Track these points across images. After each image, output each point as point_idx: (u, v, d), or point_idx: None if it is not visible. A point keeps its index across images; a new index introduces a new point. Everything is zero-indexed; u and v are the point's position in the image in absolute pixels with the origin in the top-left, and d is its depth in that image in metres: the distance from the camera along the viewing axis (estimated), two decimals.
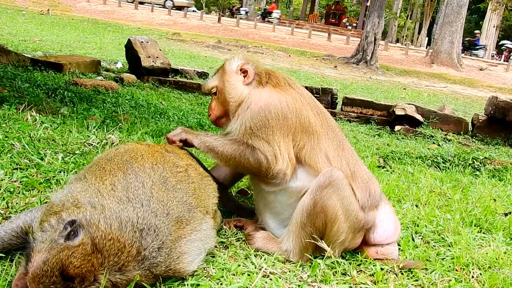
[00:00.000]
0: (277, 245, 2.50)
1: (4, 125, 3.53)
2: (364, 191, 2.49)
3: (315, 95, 10.00)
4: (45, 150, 3.21)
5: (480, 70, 30.28)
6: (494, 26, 43.35)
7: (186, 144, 2.58)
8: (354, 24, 48.12)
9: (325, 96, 9.94)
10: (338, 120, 9.47)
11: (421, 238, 2.92)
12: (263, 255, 2.42)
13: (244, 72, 2.63)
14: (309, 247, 2.42)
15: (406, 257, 2.60)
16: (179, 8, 42.73)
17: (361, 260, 2.49)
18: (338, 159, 2.50)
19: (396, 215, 2.68)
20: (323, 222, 2.37)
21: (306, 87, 10.08)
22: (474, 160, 5.89)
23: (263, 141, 2.42)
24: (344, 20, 47.62)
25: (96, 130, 4.07)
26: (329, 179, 2.37)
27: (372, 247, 2.57)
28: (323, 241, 2.40)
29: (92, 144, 3.54)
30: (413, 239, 2.87)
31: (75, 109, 5.12)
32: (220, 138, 2.53)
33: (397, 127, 8.94)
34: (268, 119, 2.43)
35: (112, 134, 3.93)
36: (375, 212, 2.53)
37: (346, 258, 2.52)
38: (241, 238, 2.61)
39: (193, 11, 48.95)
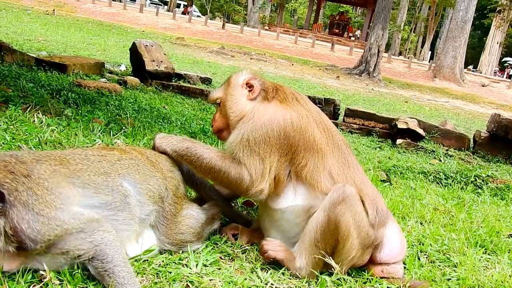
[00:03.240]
0: (291, 263, 2.45)
1: (11, 126, 3.52)
2: (372, 208, 2.47)
3: (318, 105, 10.02)
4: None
5: (482, 86, 30.39)
6: (497, 43, 43.59)
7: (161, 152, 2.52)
8: (358, 33, 48.42)
9: (328, 107, 9.94)
10: (340, 131, 9.44)
11: (426, 257, 2.90)
12: (269, 269, 2.40)
13: (250, 86, 2.59)
14: (320, 263, 2.40)
15: (412, 276, 2.58)
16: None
17: (367, 278, 2.47)
18: (343, 177, 2.46)
19: (402, 233, 2.66)
20: (336, 239, 2.35)
21: (309, 97, 10.10)
22: (477, 178, 5.87)
23: (256, 157, 2.38)
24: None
25: (102, 133, 4.06)
26: (342, 196, 2.34)
27: (378, 266, 2.55)
28: (332, 257, 2.38)
29: None
30: (418, 258, 2.85)
31: (79, 111, 5.11)
32: (198, 146, 2.46)
33: (398, 141, 8.93)
34: (269, 136, 2.39)
35: (118, 139, 3.91)
36: (383, 230, 2.52)
37: (352, 275, 2.50)
38: (247, 250, 2.58)
39: (198, 16, 49.20)
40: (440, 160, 7.87)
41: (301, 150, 2.42)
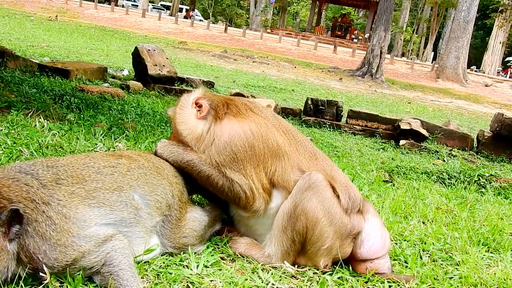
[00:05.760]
0: (260, 251, 2.50)
1: (12, 131, 3.54)
2: (344, 193, 2.48)
3: (321, 107, 10.04)
4: (52, 157, 3.21)
5: (486, 86, 30.30)
6: (500, 43, 43.47)
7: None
8: (360, 37, 48.37)
9: (330, 109, 9.96)
10: (343, 132, 9.47)
11: (429, 256, 2.89)
12: (270, 270, 2.40)
13: (199, 106, 2.56)
14: (291, 252, 2.43)
15: (414, 275, 2.56)
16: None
17: (369, 278, 2.46)
18: (313, 169, 2.49)
19: (384, 227, 2.63)
20: (304, 225, 2.37)
21: (312, 99, 10.11)
22: (480, 177, 5.84)
23: (238, 174, 2.41)
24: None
25: (103, 137, 4.08)
26: (308, 182, 2.38)
27: (361, 263, 2.53)
28: (305, 246, 2.40)
29: (99, 152, 3.54)
30: (421, 257, 2.84)
31: (81, 115, 5.13)
32: (198, 161, 2.46)
33: (402, 142, 8.92)
34: (235, 152, 2.40)
35: (120, 143, 3.93)
36: (360, 217, 2.52)
37: (354, 275, 2.49)
38: None
39: (200, 20, 49.37)
40: (444, 160, 7.85)
41: (268, 158, 2.44)
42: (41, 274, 1.84)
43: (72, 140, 3.70)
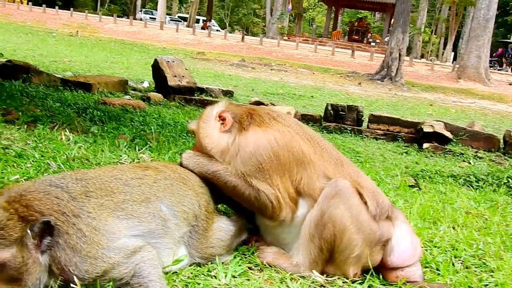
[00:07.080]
0: (288, 260, 2.47)
1: (40, 144, 3.61)
2: (372, 199, 2.44)
3: (341, 112, 9.95)
4: (80, 170, 3.25)
5: (510, 84, 29.60)
6: None
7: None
8: (378, 41, 47.99)
9: (351, 114, 9.86)
10: (365, 137, 9.36)
11: (461, 263, 2.81)
12: (298, 279, 2.37)
13: (223, 119, 2.56)
14: (319, 260, 2.40)
15: (447, 282, 2.49)
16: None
17: (400, 287, 2.40)
18: (339, 176, 2.46)
19: (414, 233, 2.57)
20: (332, 233, 2.33)
21: (332, 105, 10.04)
22: (509, 179, 5.69)
23: (264, 183, 2.40)
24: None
25: (127, 149, 4.12)
26: (335, 189, 2.35)
27: (392, 271, 2.47)
28: (333, 254, 2.37)
29: (124, 164, 3.57)
30: (453, 264, 2.76)
31: (105, 128, 5.20)
32: (223, 172, 2.45)
33: (425, 145, 8.75)
34: (260, 162, 2.39)
35: (144, 154, 3.96)
36: (389, 224, 2.47)
37: (384, 283, 2.43)
38: None
39: (217, 30, 49.79)
40: (470, 163, 7.67)
41: (294, 166, 2.43)
42: (72, 285, 1.86)
43: (97, 152, 3.75)
